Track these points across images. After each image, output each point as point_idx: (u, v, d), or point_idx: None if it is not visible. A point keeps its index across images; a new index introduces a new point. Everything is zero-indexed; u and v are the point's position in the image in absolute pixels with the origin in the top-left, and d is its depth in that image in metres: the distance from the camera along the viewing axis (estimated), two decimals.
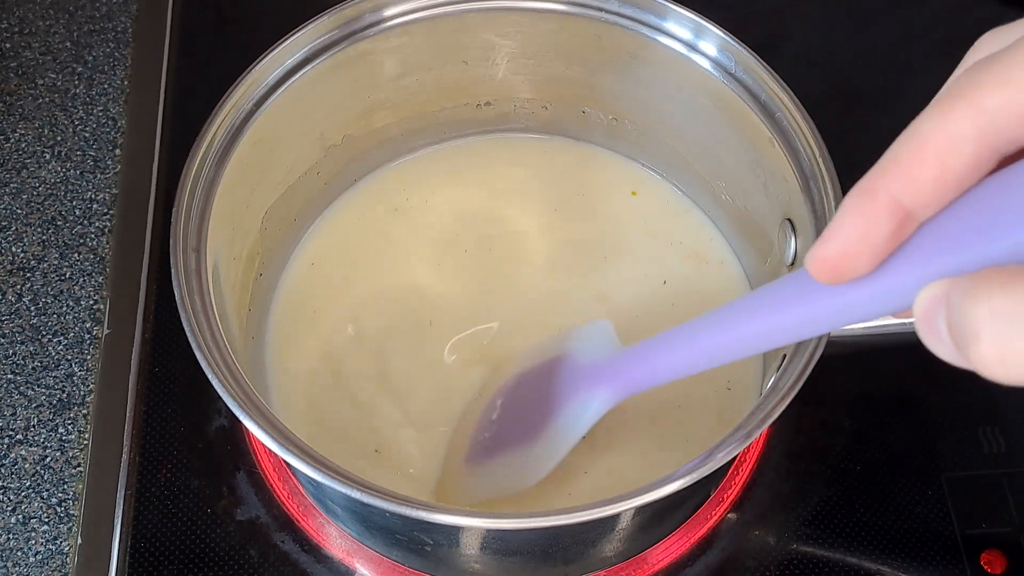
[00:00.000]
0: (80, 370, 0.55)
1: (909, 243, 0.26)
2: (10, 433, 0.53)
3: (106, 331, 0.56)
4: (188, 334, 0.40)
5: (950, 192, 0.25)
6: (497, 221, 0.56)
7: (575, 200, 0.57)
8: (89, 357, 0.55)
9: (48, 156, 0.62)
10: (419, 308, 0.53)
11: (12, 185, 0.60)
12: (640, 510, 0.43)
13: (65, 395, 0.54)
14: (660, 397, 0.51)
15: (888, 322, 0.43)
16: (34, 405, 0.54)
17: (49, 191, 0.60)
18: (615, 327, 0.53)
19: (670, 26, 0.49)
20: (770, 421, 0.39)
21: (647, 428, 0.50)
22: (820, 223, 0.44)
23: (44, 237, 0.59)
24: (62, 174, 0.61)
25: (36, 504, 0.51)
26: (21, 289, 0.57)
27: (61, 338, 0.56)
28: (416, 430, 0.50)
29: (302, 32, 0.48)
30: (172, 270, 0.42)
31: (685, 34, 0.48)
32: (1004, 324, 0.22)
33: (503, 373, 0.49)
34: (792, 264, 0.47)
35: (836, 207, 0.43)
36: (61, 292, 0.57)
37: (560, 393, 0.44)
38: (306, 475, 0.38)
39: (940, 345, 0.25)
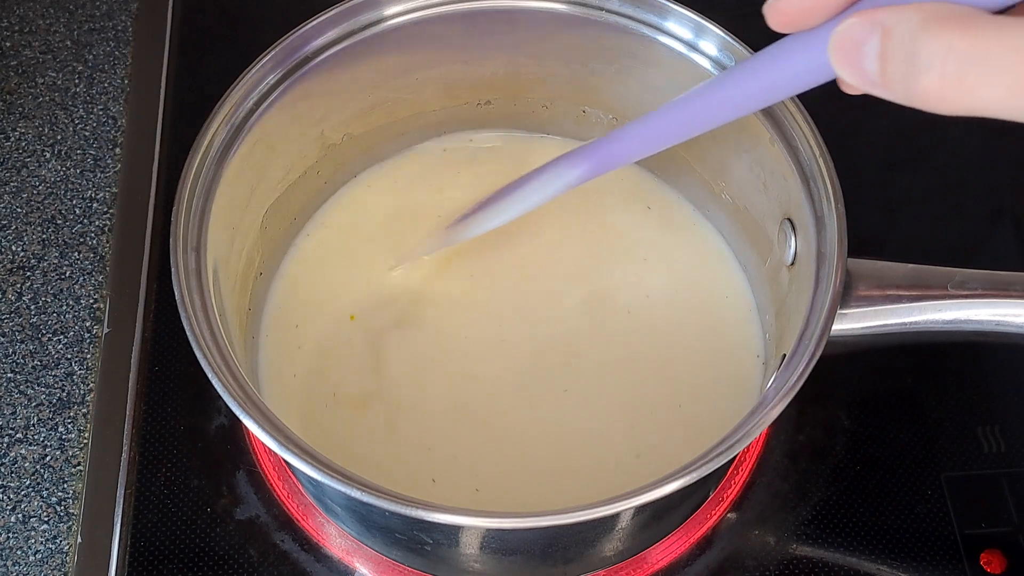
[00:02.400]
0: (80, 369, 0.55)
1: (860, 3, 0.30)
2: (10, 432, 0.53)
3: (106, 330, 0.56)
4: (188, 333, 0.40)
5: None
6: None
7: (575, 200, 0.57)
8: (89, 356, 0.55)
9: (48, 155, 0.62)
10: (418, 308, 0.53)
11: (12, 184, 0.60)
12: (640, 510, 0.43)
13: (65, 394, 0.54)
14: (660, 397, 0.51)
15: (888, 322, 0.43)
16: (34, 404, 0.54)
17: (49, 190, 0.60)
18: (615, 327, 0.53)
19: (670, 26, 0.49)
20: (770, 421, 0.39)
21: (647, 428, 0.50)
22: (820, 223, 0.44)
23: (44, 236, 0.59)
24: (62, 173, 0.61)
25: (36, 503, 0.51)
26: (21, 288, 0.57)
27: (61, 337, 0.56)
28: (414, 431, 0.50)
29: (303, 31, 0.48)
30: (172, 269, 0.42)
31: (685, 34, 0.48)
32: (956, 62, 0.25)
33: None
34: (792, 263, 0.47)
35: (836, 207, 0.43)
36: (61, 291, 0.57)
37: (543, 168, 0.46)
38: (306, 474, 0.38)
39: (856, 72, 0.28)
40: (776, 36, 0.34)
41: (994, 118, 0.26)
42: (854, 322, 0.43)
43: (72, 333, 0.56)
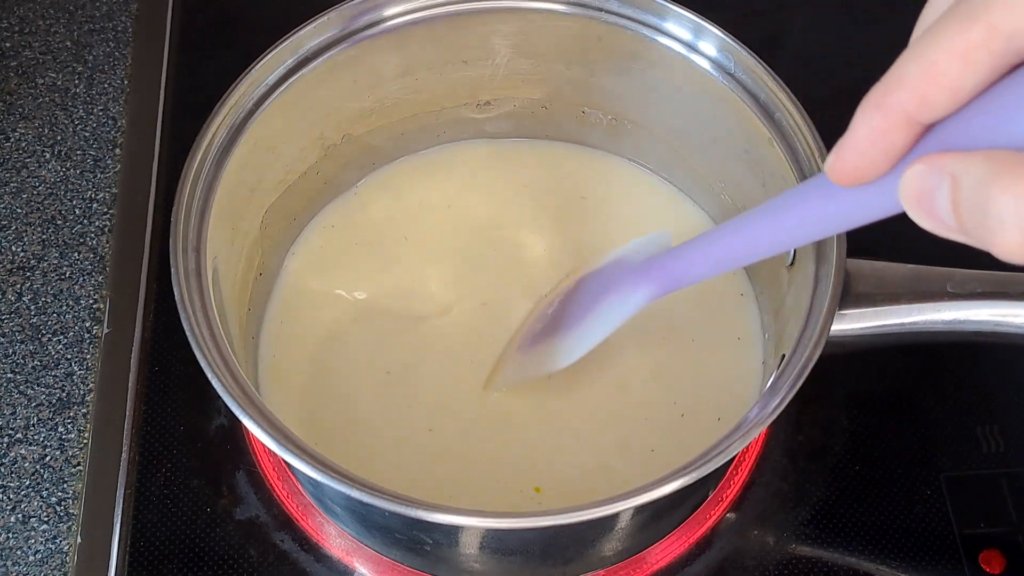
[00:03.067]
0: (80, 369, 0.55)
1: (921, 143, 0.27)
2: (10, 432, 0.53)
3: (106, 330, 0.56)
4: (188, 333, 0.40)
5: (961, 104, 0.26)
6: (496, 221, 0.56)
7: (575, 200, 0.57)
8: (89, 356, 0.55)
9: (48, 155, 0.62)
10: (418, 308, 0.53)
11: (12, 184, 0.61)
12: (639, 510, 0.43)
13: (65, 394, 0.54)
14: (659, 397, 0.51)
15: (887, 322, 0.43)
16: (34, 404, 0.54)
17: (49, 190, 0.60)
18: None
19: (670, 26, 0.49)
20: (769, 421, 0.39)
21: (646, 428, 0.50)
22: None
23: (44, 236, 0.59)
24: (62, 173, 0.61)
25: (36, 503, 0.51)
26: (21, 288, 0.57)
27: (61, 337, 0.56)
28: (414, 430, 0.50)
29: (302, 32, 0.48)
30: (172, 269, 0.42)
31: (685, 34, 0.48)
32: None
33: (570, 278, 0.51)
34: (792, 264, 0.47)
35: None
36: (61, 291, 0.57)
37: (607, 288, 0.46)
38: (305, 474, 0.38)
39: (934, 220, 0.27)
40: (777, 40, 0.34)
41: None
42: (853, 322, 0.43)
43: (72, 333, 0.56)
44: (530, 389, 0.51)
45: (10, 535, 0.51)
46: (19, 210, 0.60)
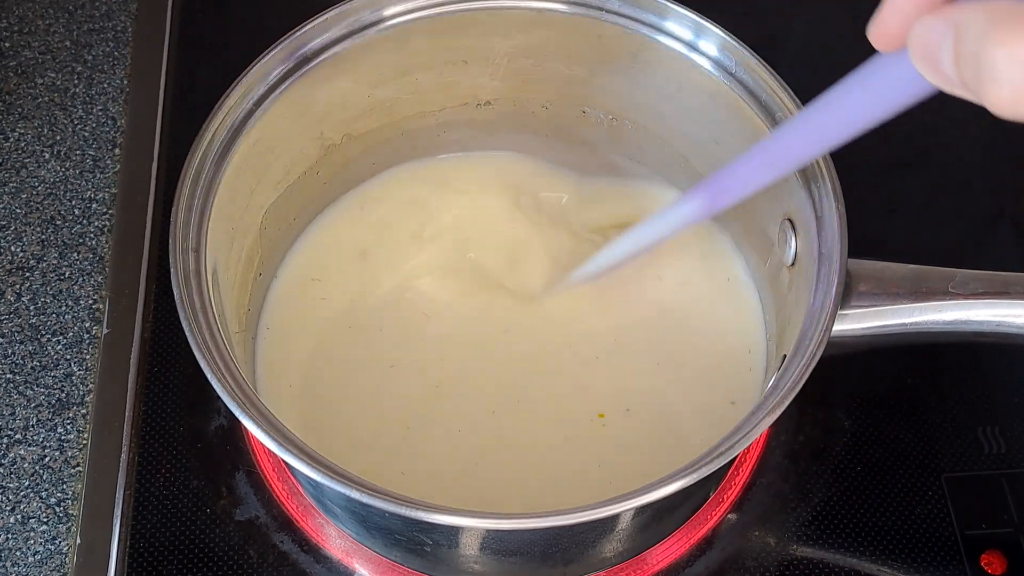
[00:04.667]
0: (79, 370, 0.55)
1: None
2: (9, 433, 0.53)
3: (105, 331, 0.56)
4: (187, 334, 0.40)
5: None
6: (496, 221, 0.56)
7: (575, 200, 0.57)
8: (88, 357, 0.55)
9: (47, 155, 0.62)
10: (418, 309, 0.53)
11: (11, 184, 0.60)
12: (640, 510, 0.43)
13: (64, 395, 0.54)
14: (659, 397, 0.51)
15: (888, 322, 0.43)
16: (33, 405, 0.54)
17: (48, 190, 0.60)
18: (614, 328, 0.53)
19: (670, 26, 0.48)
20: (770, 422, 0.39)
21: (647, 427, 0.50)
22: (820, 223, 0.44)
23: (43, 236, 0.59)
24: (61, 173, 0.61)
25: (35, 504, 0.51)
26: (20, 288, 0.57)
27: (60, 338, 0.56)
28: (413, 431, 0.50)
29: (302, 32, 0.47)
30: (171, 270, 0.42)
31: (685, 34, 0.48)
32: (1021, 73, 0.23)
33: None
34: (792, 264, 0.47)
35: (836, 207, 0.43)
36: (60, 292, 0.57)
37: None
38: (305, 475, 0.38)
39: (937, 75, 0.27)
40: (777, 40, 0.34)
41: None
42: (854, 323, 0.43)
43: (71, 334, 0.56)
44: (529, 391, 0.51)
45: (9, 536, 0.50)
46: (18, 210, 0.60)
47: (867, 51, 0.64)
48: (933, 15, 0.26)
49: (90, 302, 0.57)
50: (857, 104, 0.33)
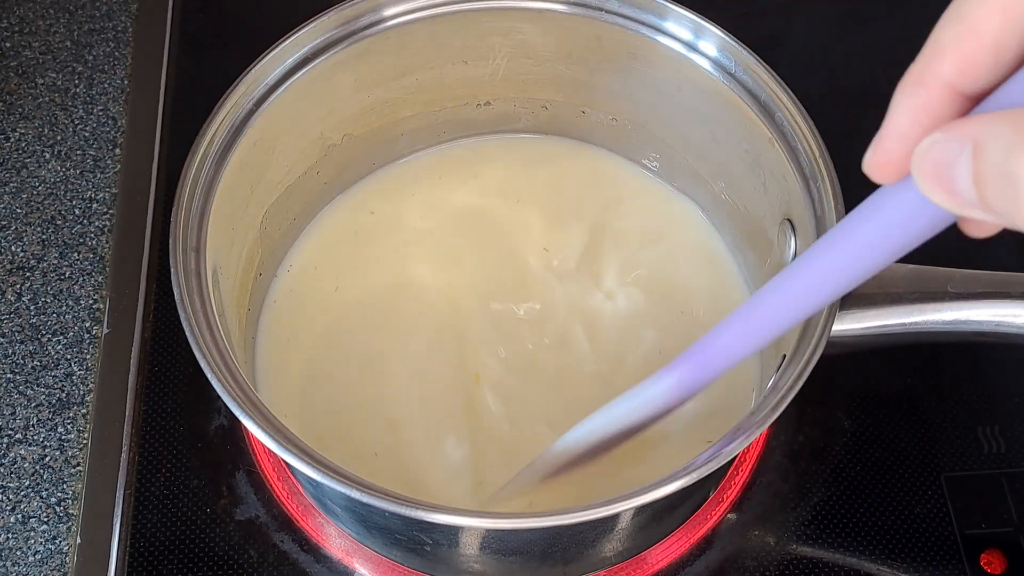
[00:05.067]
0: (79, 369, 0.55)
1: None
2: (9, 432, 0.53)
3: (105, 331, 0.56)
4: (187, 334, 0.40)
5: (1005, 66, 0.24)
6: (497, 222, 0.56)
7: (575, 200, 0.57)
8: (88, 356, 0.55)
9: (48, 155, 0.62)
10: (418, 309, 0.53)
11: (12, 184, 0.60)
12: (640, 510, 0.43)
13: (64, 394, 0.54)
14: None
15: (888, 322, 0.43)
16: (33, 404, 0.54)
17: (49, 190, 0.60)
18: (613, 328, 0.53)
19: (670, 26, 0.49)
20: (770, 421, 0.39)
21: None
22: (820, 223, 0.44)
23: (44, 236, 0.59)
24: (62, 173, 0.61)
25: (35, 503, 0.51)
26: (21, 288, 0.57)
27: (61, 337, 0.56)
28: (413, 432, 0.50)
29: (302, 32, 0.47)
30: (171, 270, 0.42)
31: (685, 34, 0.48)
32: None
33: None
34: None
35: (836, 207, 0.43)
36: (61, 291, 0.57)
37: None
38: (305, 475, 0.38)
39: (950, 197, 0.24)
40: (777, 40, 0.34)
41: None
42: (854, 323, 0.43)
43: (72, 334, 0.56)
44: (528, 391, 0.51)
45: (10, 535, 0.51)
46: (19, 210, 0.60)
47: (868, 51, 0.64)
48: (943, 131, 0.24)
49: (90, 302, 0.57)
50: (859, 249, 0.29)
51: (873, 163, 0.27)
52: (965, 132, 0.24)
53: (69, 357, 0.55)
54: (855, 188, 0.45)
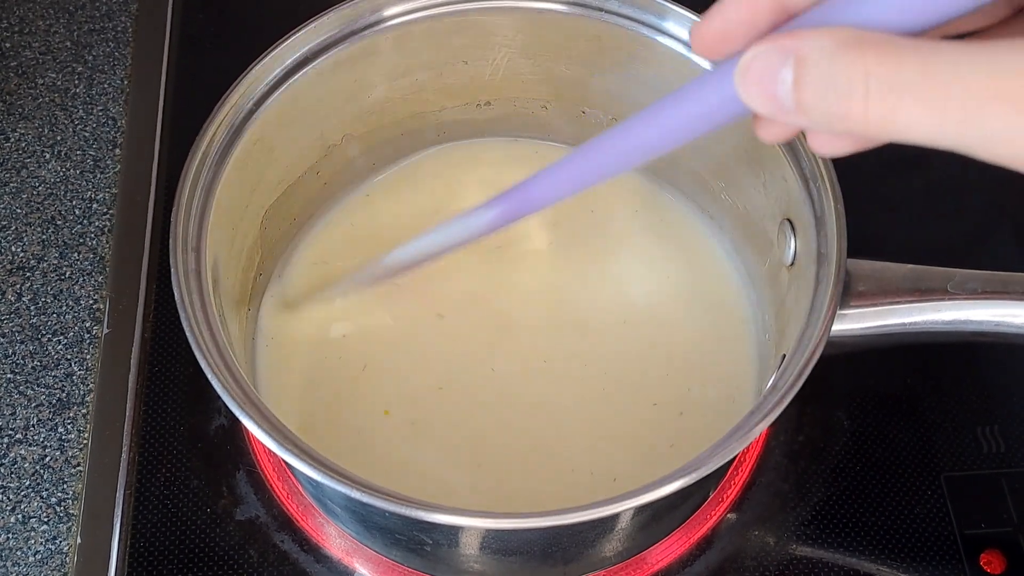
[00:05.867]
0: (80, 369, 0.55)
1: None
2: (9, 432, 0.53)
3: (106, 331, 0.56)
4: (187, 334, 0.40)
5: None
6: None
7: (575, 201, 0.57)
8: (89, 357, 0.55)
9: (48, 156, 0.62)
10: (417, 309, 0.53)
11: (12, 184, 0.60)
12: (639, 510, 0.43)
13: (65, 395, 0.54)
14: (659, 397, 0.51)
15: (888, 322, 0.43)
16: (34, 404, 0.54)
17: (49, 190, 0.60)
18: (613, 328, 0.53)
19: (670, 26, 0.48)
20: (769, 421, 0.39)
21: (646, 428, 0.50)
22: (820, 223, 0.44)
23: (44, 236, 0.59)
24: (62, 174, 0.61)
25: (35, 504, 0.51)
26: (21, 288, 0.57)
27: (61, 338, 0.56)
28: (413, 431, 0.50)
29: (302, 32, 0.47)
30: (172, 270, 0.42)
31: (685, 34, 0.48)
32: (877, 87, 0.25)
33: None
34: (792, 264, 0.47)
35: (836, 207, 0.43)
36: (61, 292, 0.57)
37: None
38: (305, 475, 0.38)
39: (768, 102, 0.28)
40: None
41: (922, 146, 0.26)
42: (854, 322, 0.43)
43: (72, 334, 0.56)
44: (527, 393, 0.51)
45: (10, 535, 0.51)
46: (19, 210, 0.60)
47: None
48: (768, 43, 0.27)
49: (90, 302, 0.57)
50: (674, 119, 0.33)
51: (697, 31, 0.31)
52: (789, 46, 0.27)
53: (69, 357, 0.55)
54: (855, 188, 0.46)
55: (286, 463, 0.39)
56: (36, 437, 0.53)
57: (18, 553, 0.50)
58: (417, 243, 0.45)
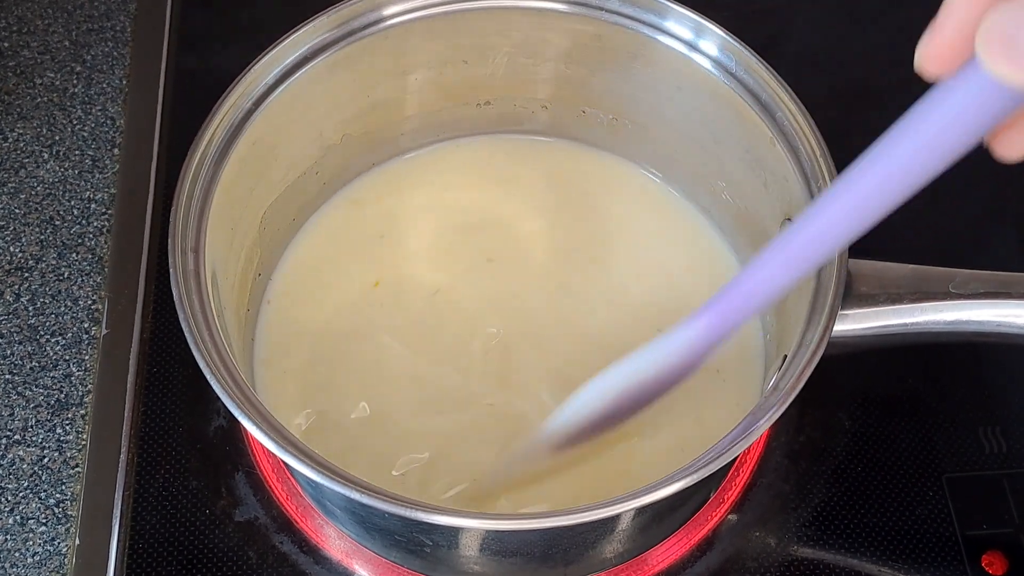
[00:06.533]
0: (78, 370, 0.55)
1: None
2: (8, 434, 0.53)
3: (104, 331, 0.55)
4: (186, 334, 0.40)
5: None
6: (496, 222, 0.56)
7: (575, 200, 0.57)
8: (87, 357, 0.55)
9: (46, 156, 0.61)
10: (417, 309, 0.53)
11: (10, 185, 0.60)
12: (640, 511, 0.43)
13: (63, 395, 0.54)
14: (660, 399, 0.51)
15: (889, 323, 0.43)
16: (32, 405, 0.54)
17: (47, 191, 0.60)
18: (614, 328, 0.53)
19: (670, 26, 0.48)
20: (771, 422, 0.39)
21: (647, 429, 0.50)
22: None
23: (42, 237, 0.59)
24: (60, 174, 0.61)
25: (34, 505, 0.51)
26: (19, 289, 0.57)
27: (59, 338, 0.55)
28: (413, 432, 0.50)
29: (302, 32, 0.47)
30: (170, 270, 0.42)
31: (685, 34, 0.48)
32: None
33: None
34: None
35: None
36: (59, 292, 0.57)
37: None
38: (305, 476, 0.38)
39: (1017, 67, 0.22)
40: (778, 40, 0.33)
41: None
42: (855, 323, 0.43)
43: (70, 334, 0.56)
44: (528, 394, 0.51)
45: (8, 537, 0.50)
46: (17, 210, 0.59)
47: (868, 51, 0.64)
48: (1007, 3, 0.22)
49: (89, 302, 0.57)
50: (924, 146, 0.27)
51: (927, 55, 0.25)
52: None
53: (68, 358, 0.55)
54: None
55: (285, 464, 0.38)
56: (34, 438, 0.53)
57: (16, 555, 0.50)
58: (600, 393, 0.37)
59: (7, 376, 0.54)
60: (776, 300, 0.33)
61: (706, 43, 0.48)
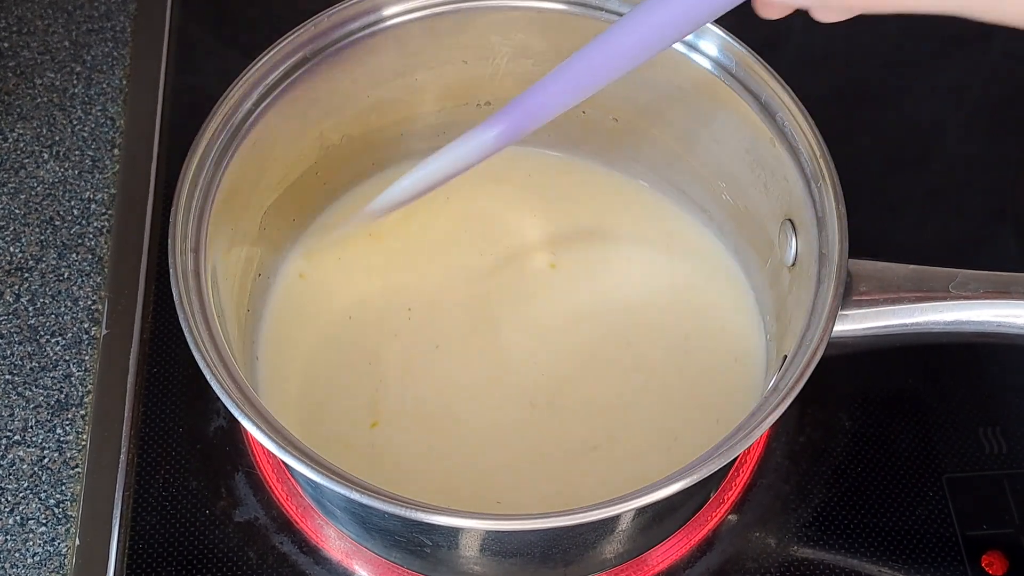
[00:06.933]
0: (78, 371, 0.55)
1: None
2: (8, 434, 0.53)
3: (104, 332, 0.55)
4: (186, 335, 0.40)
5: None
6: (496, 222, 0.56)
7: (575, 201, 0.57)
8: (87, 358, 0.55)
9: (46, 156, 0.61)
10: (416, 311, 0.53)
11: (10, 185, 0.60)
12: (640, 511, 0.43)
13: (63, 396, 0.54)
14: (660, 398, 0.51)
15: (889, 323, 0.43)
16: (32, 406, 0.54)
17: (47, 191, 0.60)
18: (614, 329, 0.53)
19: None
20: (771, 422, 0.39)
21: (648, 430, 0.50)
22: (821, 223, 0.44)
23: (42, 237, 0.59)
24: (60, 174, 0.61)
25: (34, 505, 0.51)
26: (19, 289, 0.57)
27: (59, 339, 0.55)
28: (412, 432, 0.50)
29: (302, 31, 0.47)
30: (170, 271, 0.42)
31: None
32: None
33: None
34: (793, 264, 0.47)
35: (837, 207, 0.43)
36: (59, 292, 0.57)
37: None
38: (304, 476, 0.38)
39: None
40: (778, 40, 0.34)
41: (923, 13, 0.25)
42: (855, 323, 0.43)
43: (70, 335, 0.56)
44: (528, 395, 0.51)
45: (8, 537, 0.50)
46: (17, 211, 0.59)
47: (868, 51, 0.64)
48: None
49: (89, 303, 0.57)
50: (669, 10, 0.33)
51: None
52: None
53: (68, 358, 0.55)
54: (857, 188, 0.45)
55: (285, 464, 0.38)
56: (34, 439, 0.53)
57: (16, 555, 0.50)
58: (421, 169, 0.45)
59: (7, 376, 0.54)
60: (556, 116, 0.40)
61: (706, 43, 0.48)
